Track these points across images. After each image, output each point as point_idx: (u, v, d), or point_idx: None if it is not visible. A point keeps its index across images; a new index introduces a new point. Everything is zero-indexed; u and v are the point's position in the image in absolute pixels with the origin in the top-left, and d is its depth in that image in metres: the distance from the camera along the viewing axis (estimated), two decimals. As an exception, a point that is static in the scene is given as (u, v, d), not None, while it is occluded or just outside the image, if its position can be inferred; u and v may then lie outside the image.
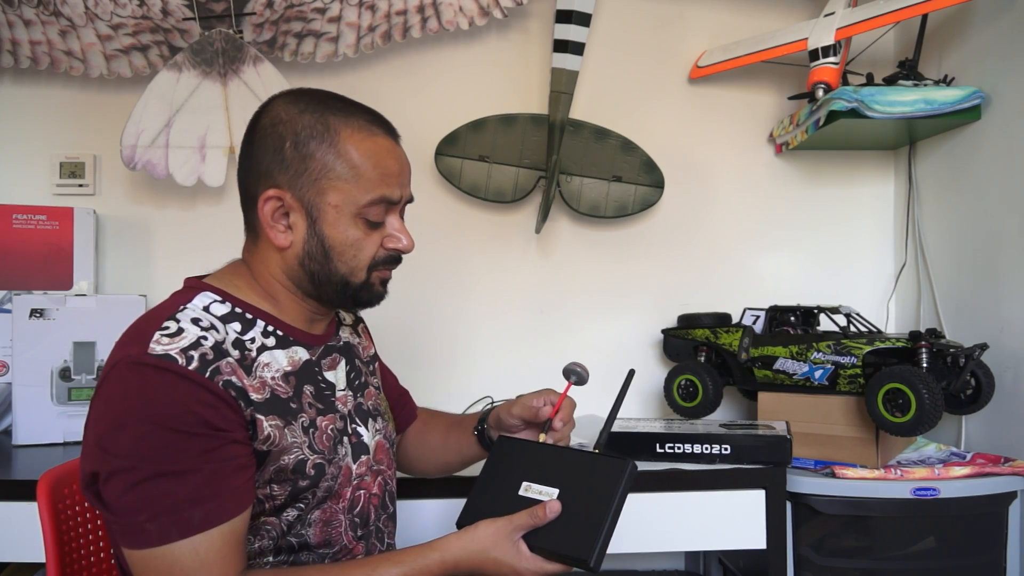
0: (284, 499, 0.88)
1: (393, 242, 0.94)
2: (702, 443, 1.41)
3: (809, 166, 2.02)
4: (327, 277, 0.91)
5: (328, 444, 0.92)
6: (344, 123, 0.90)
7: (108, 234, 1.91)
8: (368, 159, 0.90)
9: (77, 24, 1.78)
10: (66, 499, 1.02)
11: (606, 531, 0.87)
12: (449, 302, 1.98)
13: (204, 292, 0.90)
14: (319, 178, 0.89)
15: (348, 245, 0.90)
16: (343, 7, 1.82)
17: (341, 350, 1.02)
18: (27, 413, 1.57)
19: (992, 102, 1.64)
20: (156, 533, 0.77)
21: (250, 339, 0.88)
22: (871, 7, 1.67)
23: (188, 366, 0.80)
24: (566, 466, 0.94)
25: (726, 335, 1.69)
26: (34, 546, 1.26)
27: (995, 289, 1.63)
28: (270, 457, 0.85)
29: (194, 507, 0.77)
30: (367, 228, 0.91)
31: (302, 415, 0.90)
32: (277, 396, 0.88)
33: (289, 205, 0.89)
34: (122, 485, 0.77)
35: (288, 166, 0.89)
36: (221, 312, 0.89)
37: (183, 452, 0.78)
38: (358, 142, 0.90)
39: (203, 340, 0.83)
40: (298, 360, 0.93)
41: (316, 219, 0.89)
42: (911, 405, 1.37)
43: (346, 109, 0.92)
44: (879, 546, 1.43)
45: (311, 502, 0.91)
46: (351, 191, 0.89)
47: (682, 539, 1.41)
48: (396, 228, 0.94)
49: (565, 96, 1.85)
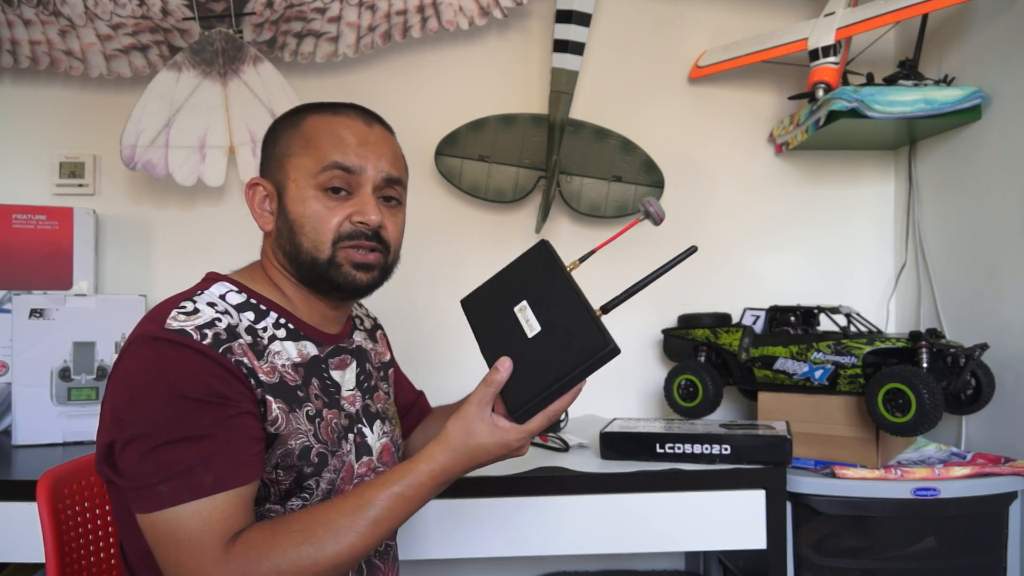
0: (289, 485, 0.89)
1: (358, 215, 0.92)
2: (702, 443, 1.41)
3: (809, 166, 2.02)
4: (296, 254, 0.93)
5: (332, 436, 0.93)
6: (314, 111, 0.96)
7: (108, 234, 1.91)
8: (323, 132, 0.93)
9: (77, 24, 1.78)
10: (66, 499, 1.02)
11: (544, 396, 0.84)
12: (449, 302, 1.97)
13: (221, 282, 0.93)
14: (281, 158, 0.94)
15: (308, 217, 0.91)
16: (343, 7, 1.81)
17: (353, 352, 1.04)
18: (27, 413, 1.57)
19: (992, 102, 1.64)
20: (169, 495, 0.78)
21: (262, 327, 0.91)
22: (871, 7, 1.67)
23: (202, 341, 0.82)
24: (562, 309, 0.90)
25: (726, 335, 1.69)
26: (34, 546, 1.26)
27: (995, 289, 1.63)
28: (278, 440, 0.87)
29: (206, 471, 0.79)
30: (328, 200, 0.92)
31: (308, 404, 0.91)
32: (285, 382, 0.89)
33: (267, 191, 0.95)
34: (138, 452, 0.79)
35: (266, 158, 0.97)
36: (236, 301, 0.91)
37: (197, 419, 0.80)
38: (318, 121, 0.94)
39: (217, 321, 0.85)
40: (307, 354, 0.95)
41: (282, 196, 0.94)
42: (911, 405, 1.37)
43: (323, 105, 0.97)
44: (879, 546, 1.43)
45: (315, 492, 0.92)
46: (306, 163, 0.92)
47: (682, 539, 1.41)
48: (362, 202, 0.93)
49: (565, 96, 1.85)
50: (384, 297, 1.07)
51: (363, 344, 1.08)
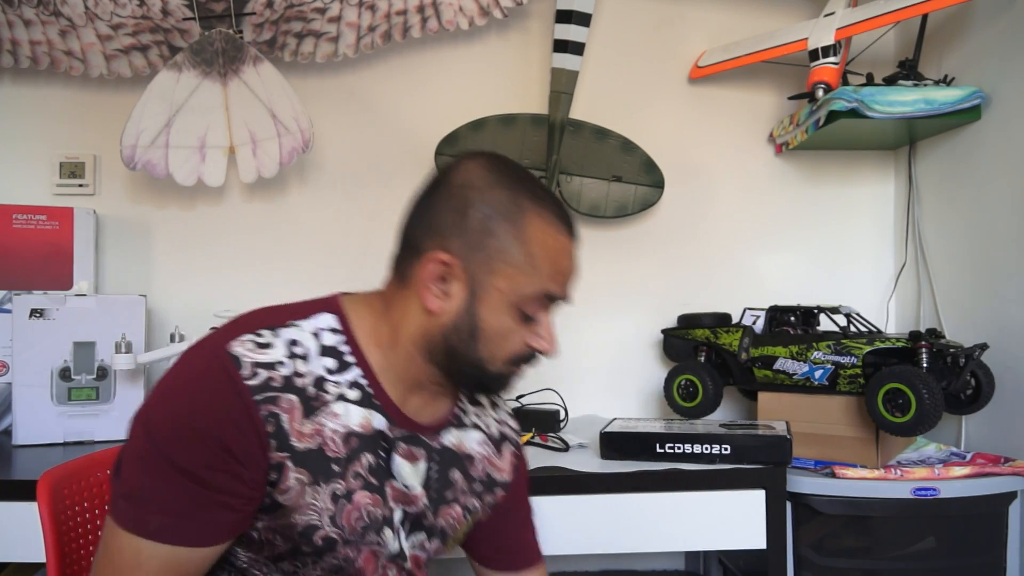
0: (283, 551, 0.83)
1: (536, 341, 0.87)
2: (702, 443, 1.41)
3: (809, 166, 2.02)
4: (465, 356, 0.85)
5: (355, 524, 0.83)
6: (535, 211, 0.85)
7: (108, 234, 1.91)
8: (547, 253, 0.85)
9: (77, 24, 1.78)
10: (66, 499, 1.02)
11: None
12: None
13: (331, 315, 0.86)
14: (494, 257, 0.83)
15: (497, 333, 0.85)
16: (343, 7, 1.81)
17: (432, 450, 0.92)
18: (27, 413, 1.57)
19: (992, 102, 1.64)
20: (122, 513, 0.76)
21: (335, 381, 0.83)
22: (871, 7, 1.67)
23: (249, 380, 0.77)
24: None
25: (726, 335, 1.69)
26: (34, 546, 1.26)
27: (995, 289, 1.63)
28: (281, 510, 0.80)
29: (158, 514, 0.76)
30: (519, 320, 0.85)
31: (338, 482, 0.82)
32: (323, 451, 0.81)
33: (454, 273, 0.84)
34: (134, 452, 0.78)
35: (466, 235, 0.83)
36: (326, 342, 0.84)
37: (186, 451, 0.75)
38: (543, 234, 0.85)
39: (281, 366, 0.80)
40: (371, 426, 0.85)
41: (477, 297, 0.84)
42: (911, 405, 1.37)
43: (537, 196, 0.86)
44: (879, 546, 1.43)
45: (310, 569, 0.85)
46: (520, 280, 0.84)
47: (682, 539, 1.41)
48: (544, 328, 0.88)
49: (565, 96, 1.85)
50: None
51: (460, 446, 0.95)
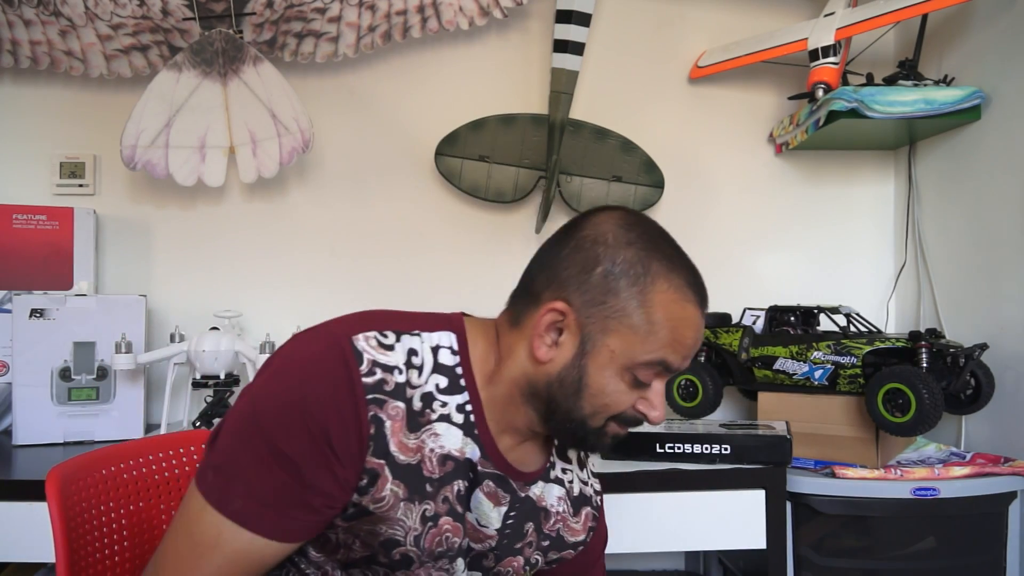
0: (359, 559, 0.80)
1: (645, 407, 0.84)
2: (702, 443, 1.41)
3: (809, 166, 2.02)
4: (566, 410, 0.82)
5: (434, 549, 0.81)
6: (664, 276, 0.82)
7: (108, 234, 1.91)
8: (669, 322, 0.81)
9: (77, 24, 1.78)
10: (73, 495, 1.00)
11: None
12: (449, 302, 1.97)
13: (452, 334, 0.84)
14: (611, 317, 0.80)
15: (602, 392, 0.81)
16: (343, 7, 1.81)
17: (516, 497, 0.89)
18: (27, 413, 1.57)
19: (992, 102, 1.64)
20: (208, 484, 0.74)
21: (442, 402, 0.81)
22: (871, 7, 1.67)
23: (363, 378, 0.75)
24: None
25: (726, 335, 1.69)
26: (34, 546, 1.27)
27: (995, 289, 1.63)
28: (369, 517, 0.77)
29: (244, 496, 0.73)
30: (629, 383, 0.82)
31: (428, 503, 0.79)
32: (420, 469, 0.78)
33: (568, 325, 0.81)
34: (234, 425, 0.76)
35: (588, 290, 0.81)
36: (442, 360, 0.82)
37: (287, 434, 0.73)
38: (668, 302, 0.81)
39: (397, 371, 0.78)
40: (465, 454, 0.82)
41: (587, 352, 0.81)
42: (911, 405, 1.37)
43: (671, 260, 0.84)
44: (879, 546, 1.43)
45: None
46: (635, 344, 0.80)
47: (682, 539, 1.41)
48: (654, 395, 0.84)
49: (565, 96, 1.85)
50: (384, 298, 1.06)
51: (541, 498, 0.93)
